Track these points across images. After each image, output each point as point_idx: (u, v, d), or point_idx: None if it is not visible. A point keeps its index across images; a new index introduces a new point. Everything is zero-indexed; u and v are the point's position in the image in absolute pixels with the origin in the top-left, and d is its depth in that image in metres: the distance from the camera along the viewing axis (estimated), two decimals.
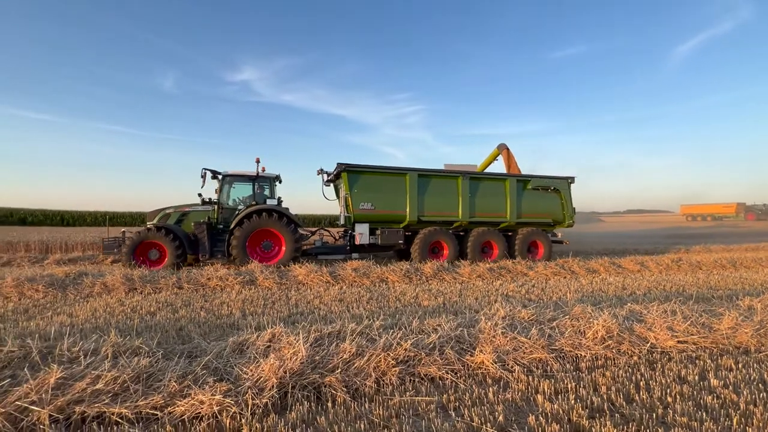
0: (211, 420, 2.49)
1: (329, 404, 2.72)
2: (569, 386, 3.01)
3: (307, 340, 3.42)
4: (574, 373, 3.31)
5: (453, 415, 2.62)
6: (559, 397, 2.87)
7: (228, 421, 2.47)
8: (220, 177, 9.80)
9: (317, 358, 3.16)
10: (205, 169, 9.54)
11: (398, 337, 3.55)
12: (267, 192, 10.12)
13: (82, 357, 3.13)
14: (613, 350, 3.71)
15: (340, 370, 3.04)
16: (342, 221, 10.41)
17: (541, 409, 2.68)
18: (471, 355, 3.45)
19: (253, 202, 9.80)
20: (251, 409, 2.58)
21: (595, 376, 3.20)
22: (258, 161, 9.88)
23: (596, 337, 3.83)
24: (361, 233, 10.03)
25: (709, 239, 20.23)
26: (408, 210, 10.25)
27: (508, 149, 13.80)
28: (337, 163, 10.00)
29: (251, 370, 2.98)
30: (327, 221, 30.61)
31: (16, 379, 2.76)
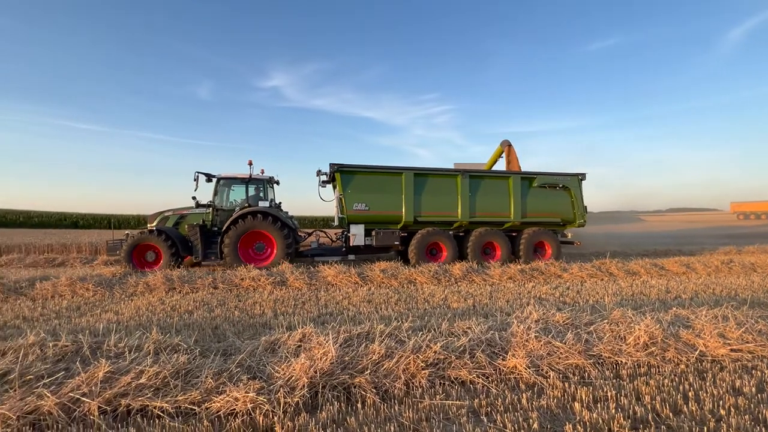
0: (245, 417, 2.56)
1: (359, 405, 2.72)
2: (609, 394, 2.86)
3: (336, 341, 3.45)
4: (614, 380, 3.14)
5: (485, 420, 2.55)
6: (598, 405, 2.73)
7: (261, 419, 2.53)
8: (214, 180, 9.93)
9: (347, 358, 3.18)
10: (198, 172, 9.60)
11: (427, 339, 3.51)
12: (262, 194, 10.23)
13: (127, 352, 3.32)
14: (657, 357, 3.49)
15: (369, 371, 3.05)
16: (336, 222, 10.38)
17: (578, 418, 2.56)
18: (503, 359, 3.35)
19: (246, 204, 9.92)
20: (283, 407, 2.63)
21: (637, 385, 3.02)
22: (251, 163, 9.97)
23: (638, 343, 3.62)
24: (356, 234, 9.85)
25: (765, 239, 18.69)
26: (404, 210, 9.97)
27: (510, 146, 13.36)
28: (330, 164, 9.84)
29: (283, 369, 3.04)
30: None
31: (69, 371, 2.96)
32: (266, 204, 9.91)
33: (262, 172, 10.30)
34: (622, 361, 3.43)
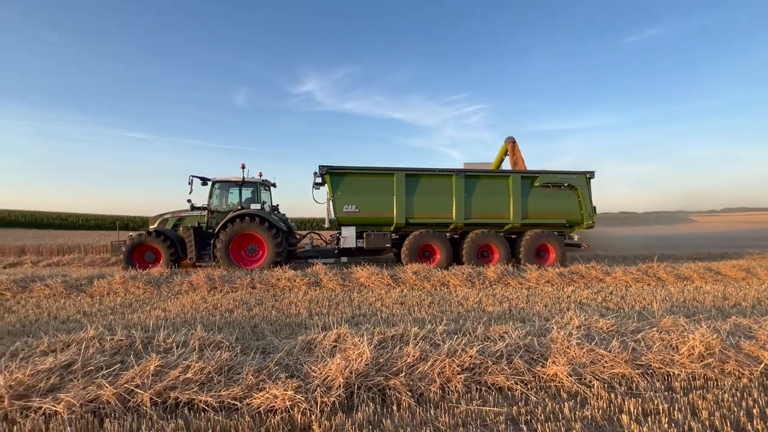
0: (284, 414, 2.63)
1: (394, 407, 2.72)
2: (660, 408, 2.68)
3: (371, 342, 3.47)
4: (666, 393, 2.94)
5: (524, 429, 2.47)
6: (649, 419, 2.57)
7: (299, 417, 2.59)
8: (209, 183, 10.22)
9: (381, 360, 3.19)
10: (193, 176, 9.83)
11: (463, 343, 3.46)
12: (260, 197, 10.49)
13: (174, 348, 3.52)
14: (715, 370, 3.24)
15: (404, 373, 3.04)
16: (327, 224, 10.33)
17: (626, 431, 2.43)
18: (542, 366, 3.24)
19: (239, 207, 10.08)
20: (320, 406, 2.68)
21: (692, 398, 2.81)
22: (243, 167, 10.10)
23: (692, 354, 3.37)
24: (347, 237, 9.82)
25: None
26: (395, 212, 9.78)
27: (514, 143, 12.84)
28: (319, 166, 9.80)
29: (319, 369, 3.10)
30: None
31: (124, 364, 3.17)
32: (258, 207, 10.10)
33: (260, 175, 10.60)
34: (674, 373, 3.21)
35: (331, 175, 9.79)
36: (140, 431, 2.45)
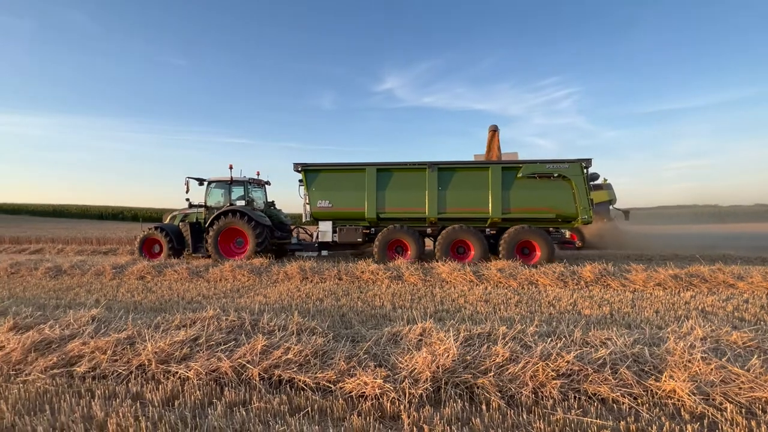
0: (374, 401, 2.75)
1: (483, 407, 2.66)
2: None
3: (457, 339, 3.44)
4: None
5: None
6: None
7: (388, 405, 2.68)
8: (205, 183, 11.21)
9: (468, 357, 3.13)
10: (189, 177, 10.91)
11: (558, 347, 3.21)
12: (255, 195, 11.37)
13: (276, 330, 3.91)
14: None
15: (493, 373, 2.95)
16: (304, 219, 10.51)
17: None
18: (656, 380, 2.85)
19: (229, 204, 10.82)
20: (408, 397, 2.74)
21: None
22: (231, 167, 10.88)
23: None
24: (324, 231, 10.16)
25: None
26: (366, 207, 9.73)
27: (494, 132, 11.98)
28: (294, 164, 10.11)
29: (406, 361, 3.16)
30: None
31: (237, 342, 3.62)
32: (242, 203, 10.83)
33: (258, 174, 11.73)
34: None
35: (306, 172, 10.13)
36: (251, 401, 2.78)
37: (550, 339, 3.49)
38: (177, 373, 3.17)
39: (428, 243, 10.49)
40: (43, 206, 54.39)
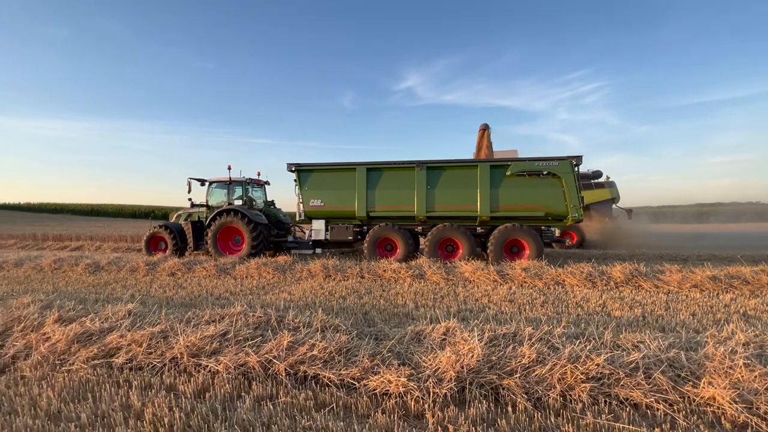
0: (398, 399, 2.76)
1: (509, 408, 2.62)
2: None
3: (481, 339, 3.40)
4: None
5: None
6: None
7: (413, 404, 2.68)
8: (206, 183, 11.54)
9: (493, 358, 3.09)
10: (190, 178, 11.21)
11: (587, 349, 3.12)
12: (255, 195, 11.77)
13: (301, 327, 3.98)
14: None
15: (518, 374, 2.89)
16: (297, 218, 10.76)
17: None
18: (693, 386, 2.72)
19: (227, 203, 11.07)
20: (432, 396, 2.74)
21: None
22: (230, 168, 11.18)
23: None
24: (317, 230, 10.45)
25: None
26: (356, 205, 9.98)
27: (485, 130, 11.88)
28: (287, 164, 10.39)
29: (430, 360, 3.15)
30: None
31: (264, 338, 3.71)
32: (240, 203, 11.10)
33: (258, 174, 12.11)
34: None
35: (299, 172, 10.42)
36: (278, 396, 2.84)
37: (578, 341, 3.39)
38: (207, 366, 3.28)
39: (423, 241, 10.49)
40: (82, 206, 57.55)
